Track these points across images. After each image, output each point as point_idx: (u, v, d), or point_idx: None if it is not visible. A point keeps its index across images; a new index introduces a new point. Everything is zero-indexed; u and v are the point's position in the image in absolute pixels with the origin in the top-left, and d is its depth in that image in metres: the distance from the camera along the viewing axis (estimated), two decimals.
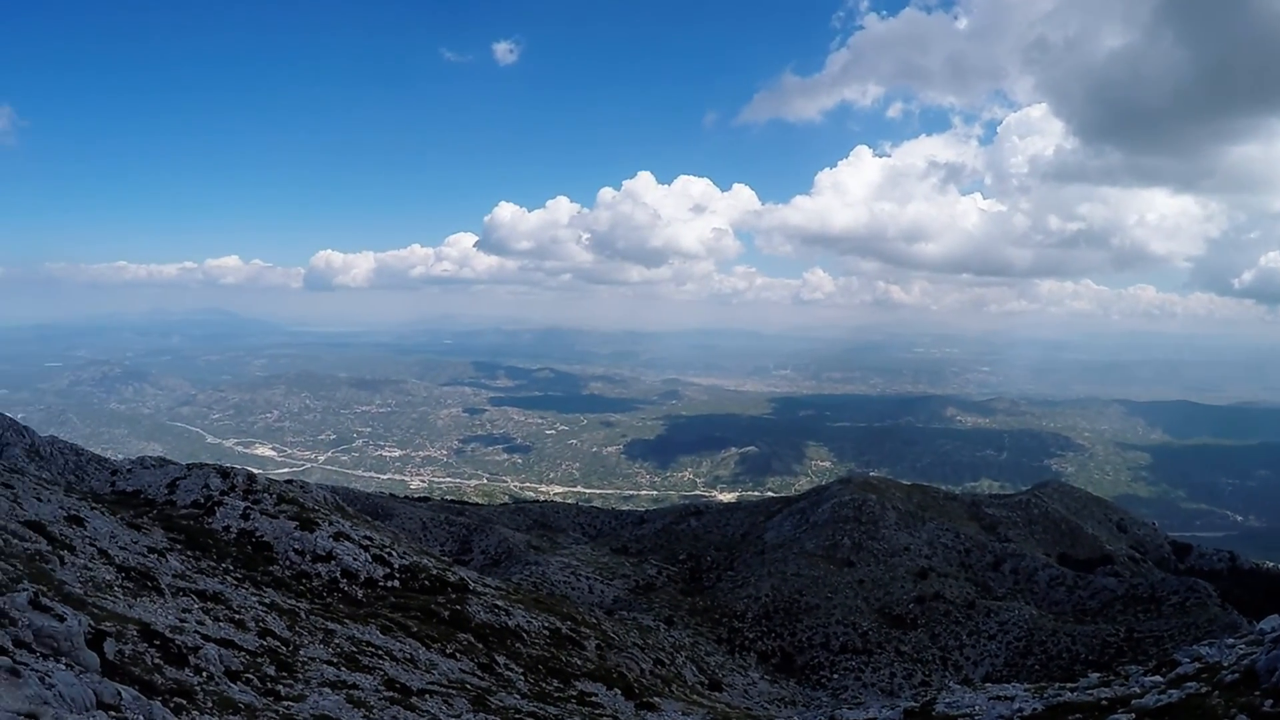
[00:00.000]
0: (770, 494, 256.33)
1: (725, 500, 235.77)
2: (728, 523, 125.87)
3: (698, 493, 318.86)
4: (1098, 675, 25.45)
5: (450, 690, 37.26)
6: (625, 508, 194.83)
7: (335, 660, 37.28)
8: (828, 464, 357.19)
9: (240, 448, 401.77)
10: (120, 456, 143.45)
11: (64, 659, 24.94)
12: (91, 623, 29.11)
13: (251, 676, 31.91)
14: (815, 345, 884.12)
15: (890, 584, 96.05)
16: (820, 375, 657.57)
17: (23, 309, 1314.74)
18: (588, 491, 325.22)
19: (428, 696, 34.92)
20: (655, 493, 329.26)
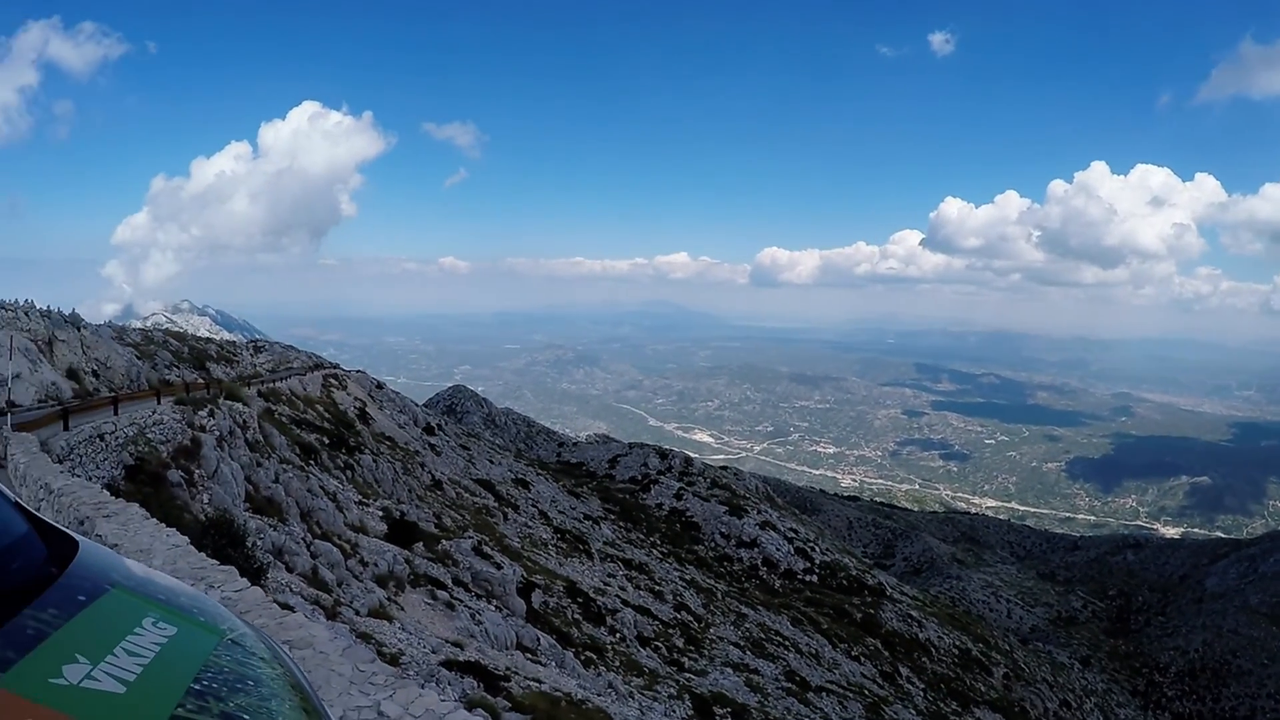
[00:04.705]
0: (1219, 534, 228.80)
1: (1167, 535, 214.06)
2: (1166, 561, 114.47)
3: (1139, 523, 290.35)
4: None
5: (848, 692, 37.13)
6: (1059, 530, 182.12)
7: (742, 643, 38.36)
8: None
9: (680, 432, 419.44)
10: (568, 431, 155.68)
11: (495, 601, 27.67)
12: (524, 574, 32.06)
13: (660, 645, 33.70)
14: None
15: None
16: None
17: (487, 299, 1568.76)
18: (1021, 508, 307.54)
19: (824, 694, 35.05)
20: (1093, 518, 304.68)
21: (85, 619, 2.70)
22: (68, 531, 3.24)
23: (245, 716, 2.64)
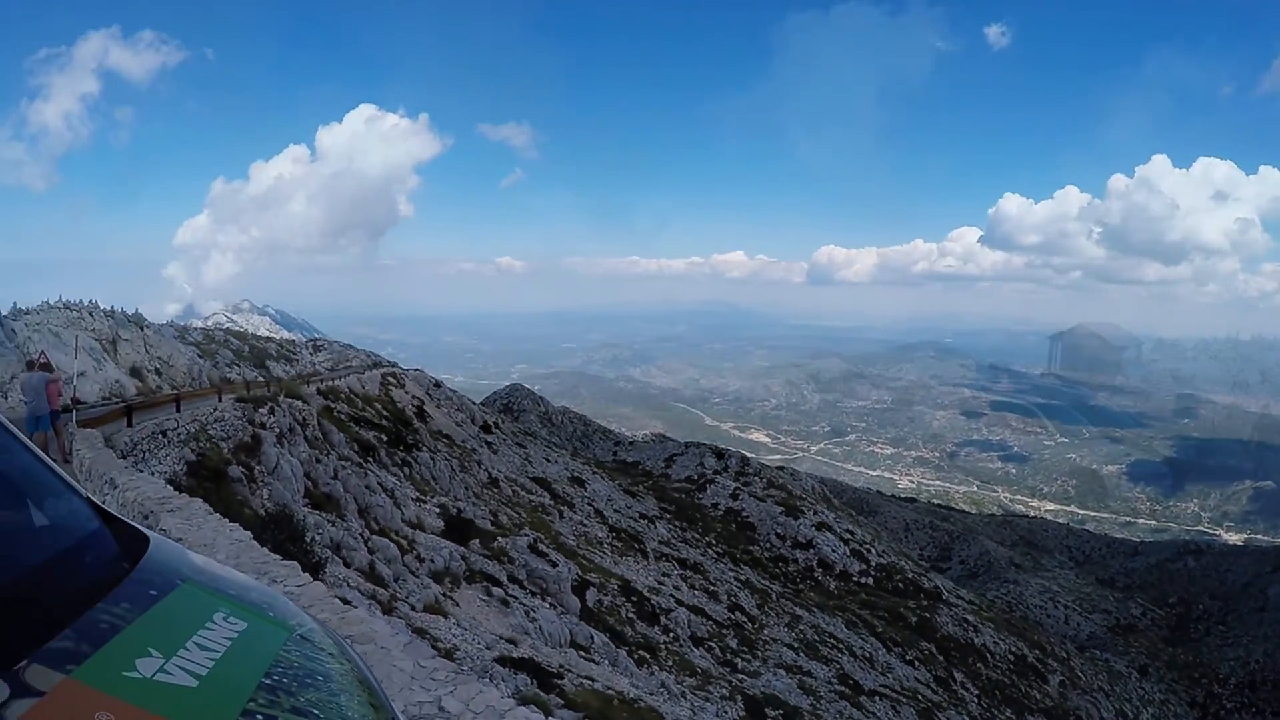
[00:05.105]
0: None
1: (1230, 541, 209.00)
2: (1228, 568, 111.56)
3: (1201, 528, 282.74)
4: None
5: (900, 697, 36.78)
6: (1119, 535, 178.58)
7: (795, 645, 38.16)
8: None
9: (736, 431, 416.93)
10: (624, 430, 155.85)
11: (549, 599, 27.79)
12: (579, 572, 32.17)
13: (714, 645, 33.65)
14: None
15: None
16: None
17: (544, 298, 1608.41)
18: (1080, 512, 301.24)
19: (877, 698, 34.76)
20: (1154, 523, 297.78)
21: (157, 613, 2.74)
22: (139, 527, 3.29)
23: (315, 711, 2.67)
